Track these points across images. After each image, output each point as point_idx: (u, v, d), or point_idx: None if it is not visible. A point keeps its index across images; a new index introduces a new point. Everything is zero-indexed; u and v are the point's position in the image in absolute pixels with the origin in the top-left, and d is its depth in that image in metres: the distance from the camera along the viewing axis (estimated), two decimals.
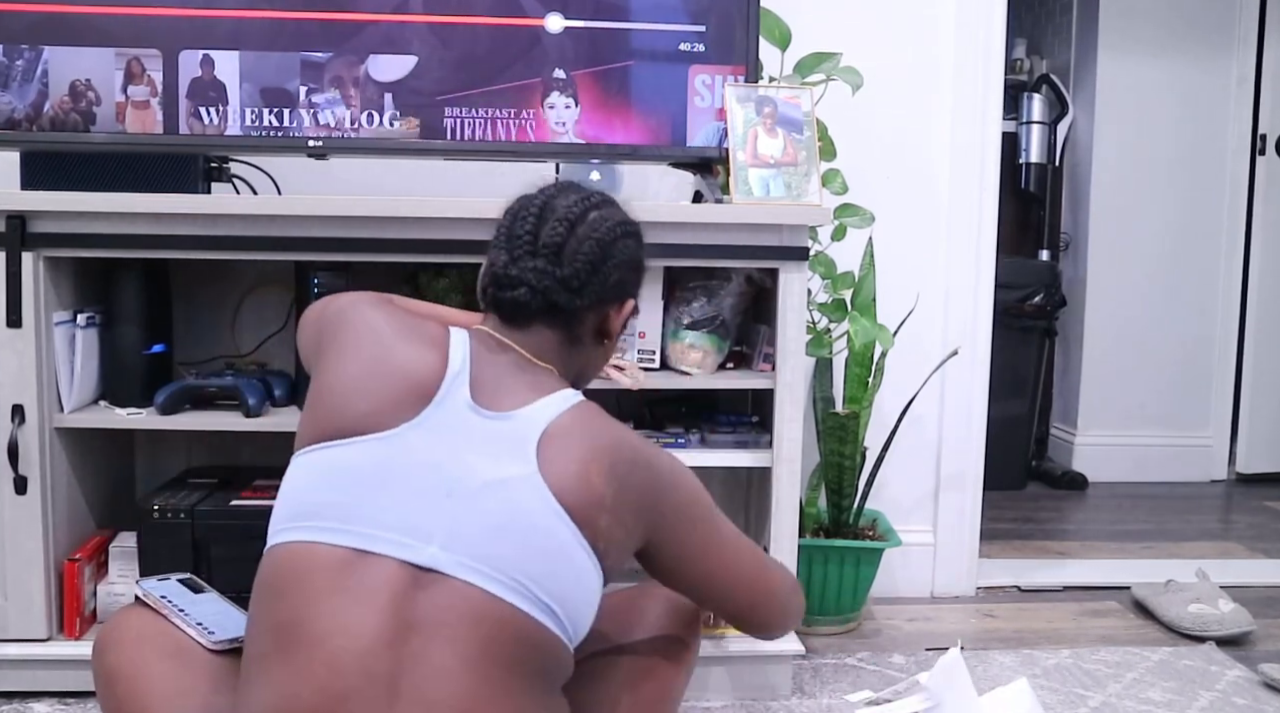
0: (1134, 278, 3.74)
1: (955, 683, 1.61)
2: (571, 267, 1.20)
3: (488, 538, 1.05)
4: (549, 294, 1.19)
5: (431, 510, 1.05)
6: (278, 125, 1.90)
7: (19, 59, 1.85)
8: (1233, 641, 2.26)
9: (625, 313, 1.29)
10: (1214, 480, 3.80)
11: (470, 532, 1.05)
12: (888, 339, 2.17)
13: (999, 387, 3.25)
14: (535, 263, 1.19)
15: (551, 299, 1.19)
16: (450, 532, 1.04)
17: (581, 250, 1.20)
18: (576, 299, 1.21)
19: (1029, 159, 3.83)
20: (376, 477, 1.06)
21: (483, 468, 1.07)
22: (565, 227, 1.20)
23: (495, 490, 1.06)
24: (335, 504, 1.06)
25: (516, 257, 1.20)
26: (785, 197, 1.89)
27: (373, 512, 1.05)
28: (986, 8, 2.41)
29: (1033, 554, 2.87)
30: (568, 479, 1.08)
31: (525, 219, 1.21)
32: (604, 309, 1.25)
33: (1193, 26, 3.65)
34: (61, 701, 1.83)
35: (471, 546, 1.04)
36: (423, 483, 1.06)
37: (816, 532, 2.31)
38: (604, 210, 1.24)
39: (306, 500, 1.07)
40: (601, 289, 1.23)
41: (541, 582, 1.05)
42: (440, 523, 1.05)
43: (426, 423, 1.09)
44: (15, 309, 1.76)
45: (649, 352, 1.96)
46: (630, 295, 1.29)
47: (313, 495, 1.07)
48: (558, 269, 1.19)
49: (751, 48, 1.96)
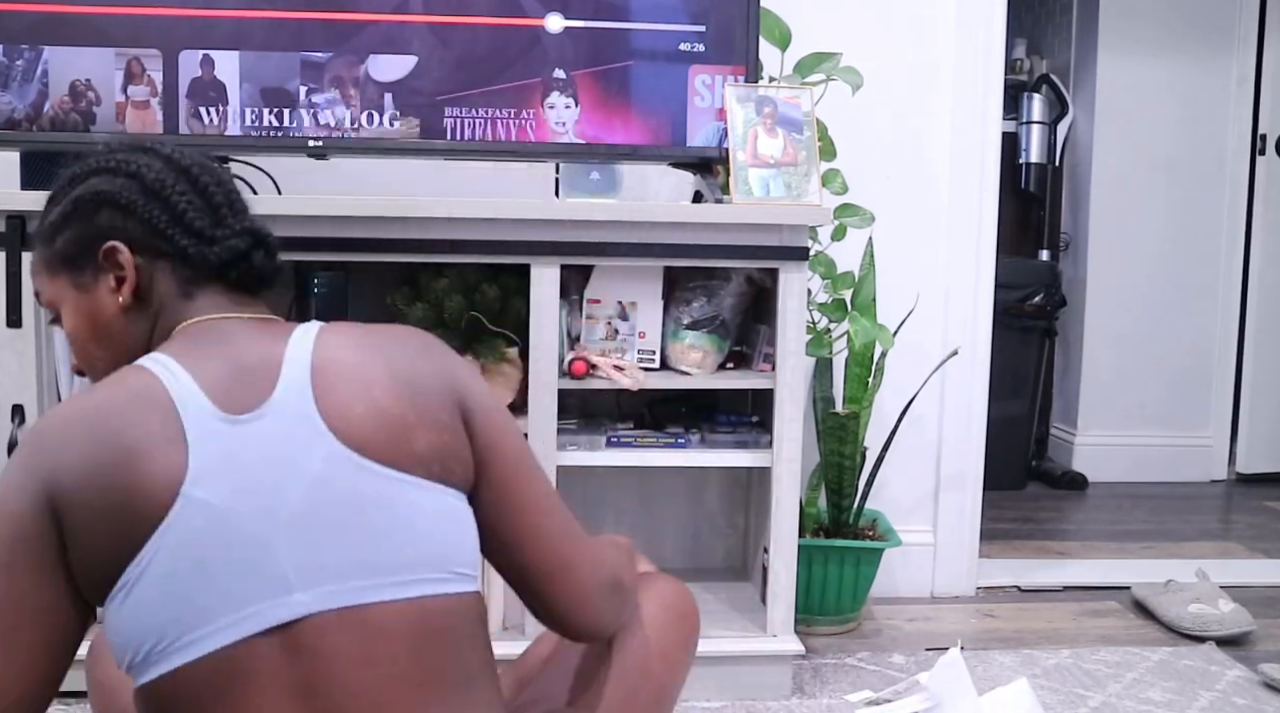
0: (1134, 278, 3.74)
1: (955, 683, 1.61)
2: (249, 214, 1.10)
3: (335, 550, 0.91)
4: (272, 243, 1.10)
5: (269, 557, 0.90)
6: (278, 125, 1.90)
7: (19, 59, 1.85)
8: (1233, 641, 2.26)
9: None
10: (1214, 480, 3.80)
11: (317, 556, 0.91)
12: (888, 339, 2.17)
13: (999, 387, 3.24)
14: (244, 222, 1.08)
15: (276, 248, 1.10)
16: (300, 568, 0.90)
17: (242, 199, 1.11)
18: None
19: (1029, 159, 3.83)
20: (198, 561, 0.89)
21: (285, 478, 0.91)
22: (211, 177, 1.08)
23: (312, 493, 0.91)
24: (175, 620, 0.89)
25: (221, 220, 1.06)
26: (785, 197, 1.89)
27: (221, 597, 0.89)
28: (986, 8, 2.41)
29: (1033, 554, 2.87)
30: (361, 426, 0.93)
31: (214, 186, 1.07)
32: None
33: (1193, 26, 3.65)
34: (62, 701, 1.83)
35: (326, 567, 0.91)
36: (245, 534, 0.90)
37: (816, 532, 2.31)
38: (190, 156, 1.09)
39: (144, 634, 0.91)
40: None
41: (415, 557, 0.93)
42: (285, 564, 0.90)
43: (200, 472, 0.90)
44: (15, 309, 1.76)
45: (649, 352, 1.96)
46: None
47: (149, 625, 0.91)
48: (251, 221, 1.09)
49: (751, 48, 1.96)
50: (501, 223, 1.81)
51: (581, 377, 1.89)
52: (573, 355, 1.90)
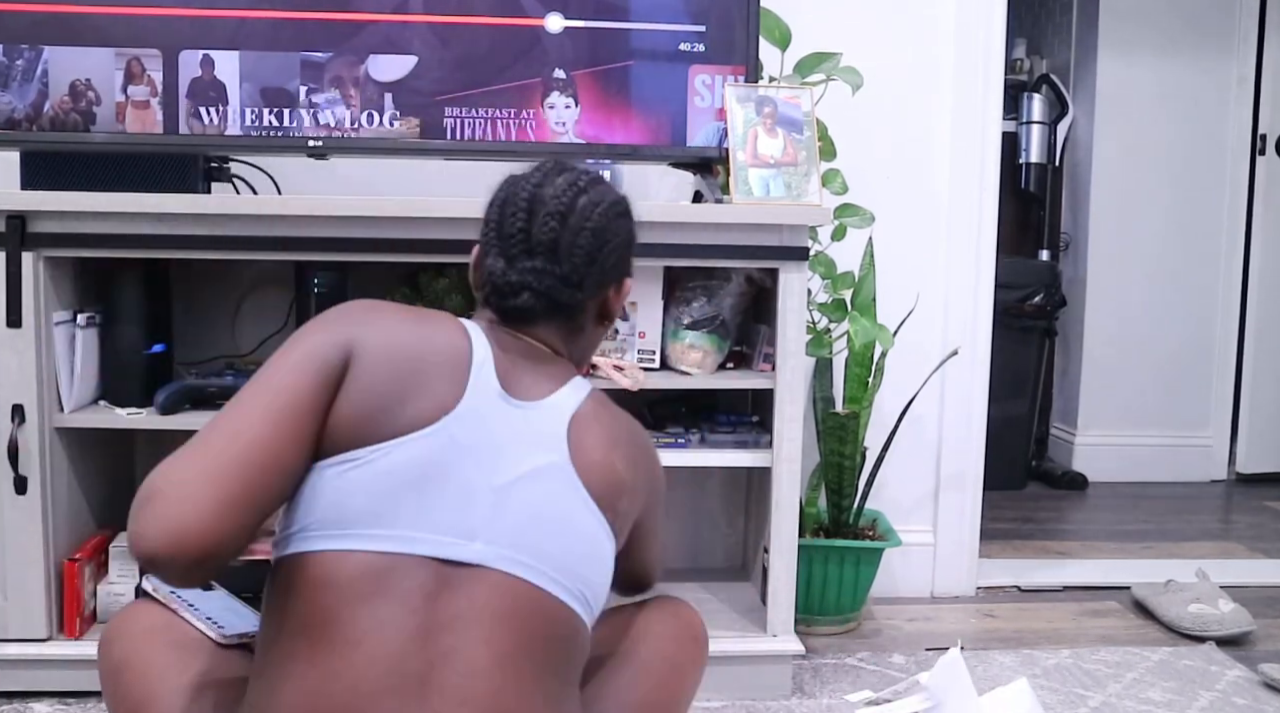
0: (1134, 278, 3.74)
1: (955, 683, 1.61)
2: (570, 263, 1.18)
3: (526, 530, 1.07)
4: (552, 294, 1.18)
5: (472, 507, 1.06)
6: (278, 125, 1.90)
7: (19, 59, 1.85)
8: (1233, 641, 2.26)
9: (625, 292, 1.29)
10: (1214, 480, 3.80)
11: (510, 524, 1.06)
12: (888, 339, 2.17)
13: (999, 387, 3.25)
14: (533, 263, 1.17)
15: (557, 300, 1.19)
16: (492, 525, 1.06)
17: (578, 243, 1.18)
18: (578, 293, 1.20)
19: (1029, 159, 3.83)
20: (420, 478, 1.05)
21: (519, 458, 1.09)
22: (557, 220, 1.18)
23: (531, 481, 1.09)
24: (376, 512, 1.03)
25: (513, 258, 1.18)
26: (785, 197, 1.89)
27: (414, 514, 1.04)
28: (986, 8, 2.41)
29: (1033, 554, 2.87)
30: (594, 466, 1.12)
31: (515, 216, 1.18)
32: (604, 293, 1.26)
33: (1193, 27, 3.65)
34: (61, 701, 1.83)
35: (512, 537, 1.06)
36: (463, 479, 1.06)
37: (816, 532, 2.31)
38: (592, 193, 1.21)
39: (345, 508, 1.03)
40: (601, 276, 1.22)
41: (575, 570, 1.09)
42: (481, 517, 1.06)
43: (464, 415, 1.08)
44: (15, 309, 1.76)
45: (649, 352, 1.96)
46: (627, 274, 1.29)
47: (352, 503, 1.03)
48: (556, 267, 1.18)
49: (751, 48, 1.96)
50: None
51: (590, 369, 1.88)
52: None
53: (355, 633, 0.99)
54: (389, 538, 1.03)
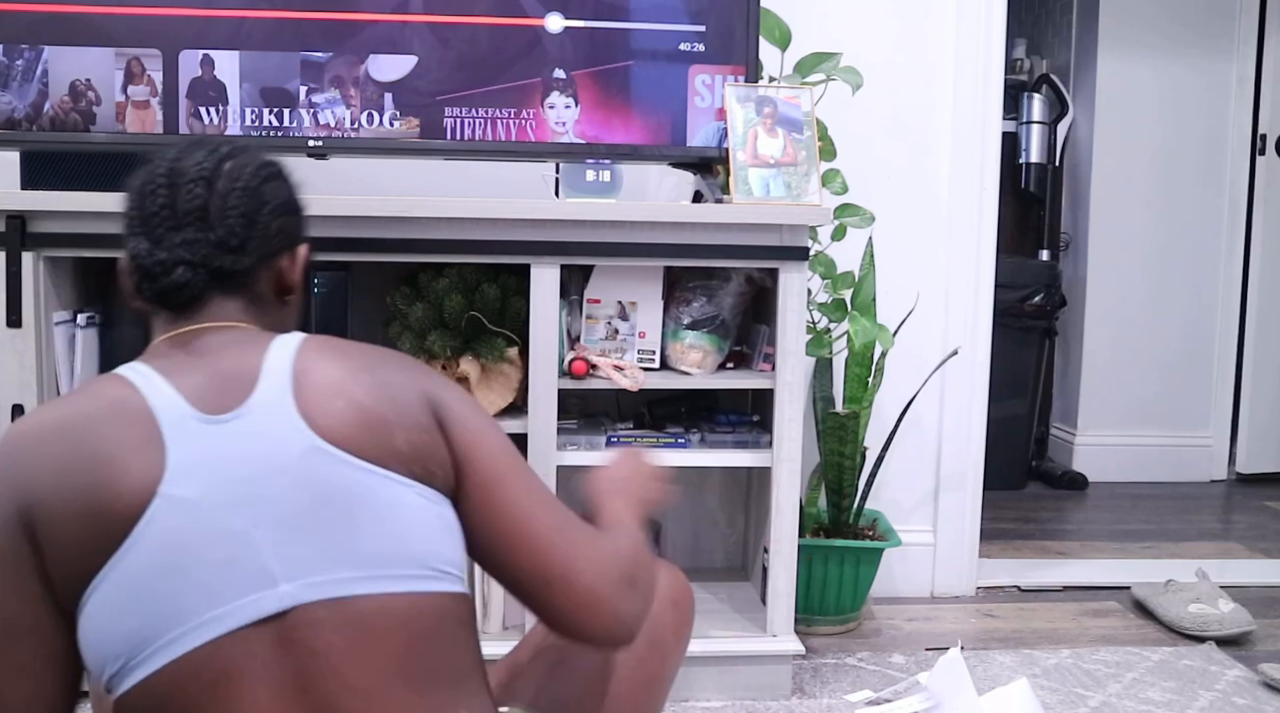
0: (1134, 278, 3.74)
1: (955, 683, 1.62)
2: (224, 226, 1.04)
3: (320, 540, 0.91)
4: (210, 262, 1.04)
5: (250, 551, 0.90)
6: (278, 125, 1.90)
7: (19, 59, 1.85)
8: (1233, 641, 2.26)
9: (301, 260, 1.14)
10: (1214, 480, 3.80)
11: (299, 548, 0.90)
12: (888, 339, 2.17)
13: (999, 387, 3.25)
14: (182, 235, 1.03)
15: (215, 267, 1.04)
16: (284, 560, 0.90)
17: (229, 205, 1.05)
18: (242, 258, 1.06)
19: (1029, 159, 3.83)
20: (178, 558, 0.88)
21: (262, 473, 0.92)
22: (203, 186, 1.05)
23: (290, 488, 0.92)
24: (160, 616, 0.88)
25: (159, 237, 1.03)
26: (785, 197, 1.89)
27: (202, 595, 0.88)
28: (986, 8, 2.41)
29: (1033, 554, 2.86)
30: (343, 425, 0.94)
31: (155, 193, 1.04)
32: (274, 262, 1.10)
33: (1193, 27, 3.65)
34: None
35: (312, 558, 0.90)
36: (219, 531, 0.90)
37: (816, 532, 2.31)
38: (238, 158, 1.09)
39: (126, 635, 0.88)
40: (265, 242, 1.08)
41: (402, 552, 0.93)
42: (267, 557, 0.90)
43: (177, 473, 0.90)
44: (15, 309, 1.76)
45: (649, 352, 1.96)
46: (298, 240, 1.14)
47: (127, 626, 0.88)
48: (209, 233, 1.04)
49: (751, 48, 1.96)
50: (501, 223, 1.81)
51: (581, 377, 1.89)
52: (573, 355, 1.90)
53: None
54: (185, 635, 0.88)
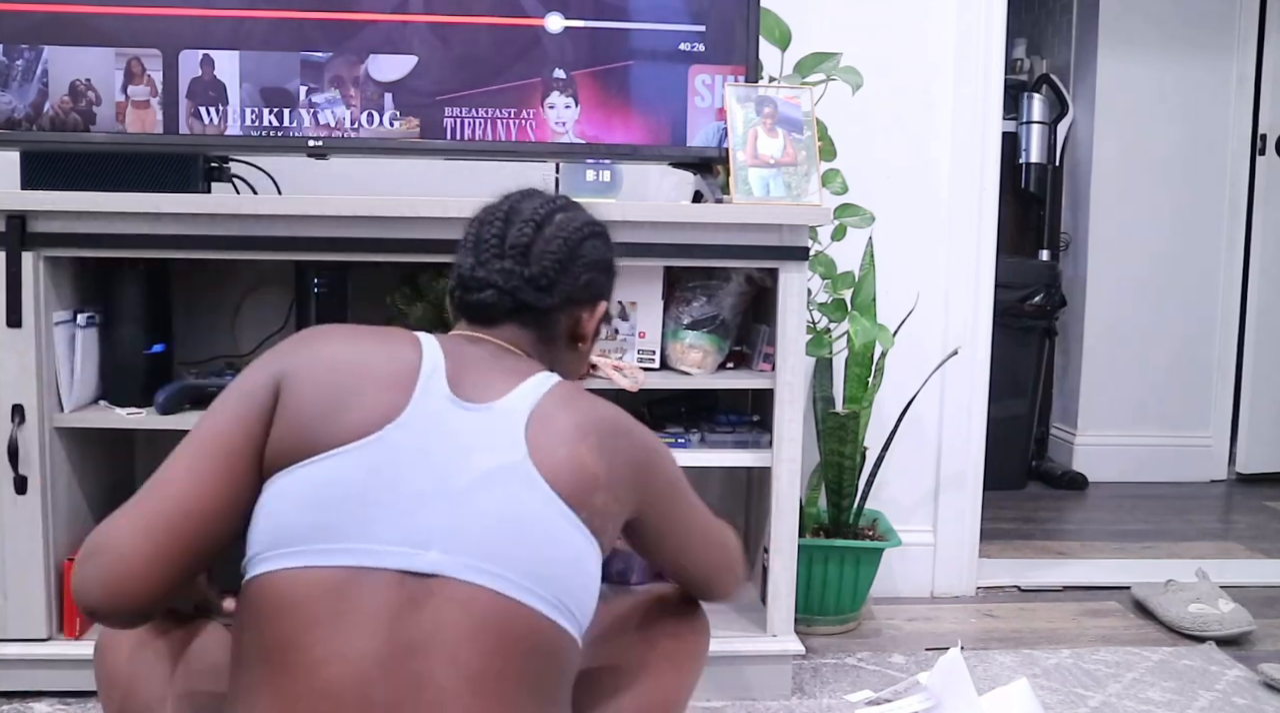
0: (1134, 278, 3.74)
1: (955, 683, 1.62)
2: (539, 266, 1.19)
3: (487, 535, 1.00)
4: (517, 293, 1.19)
5: (425, 514, 1.01)
6: (278, 125, 1.90)
7: (19, 59, 1.85)
8: (1233, 641, 2.26)
9: (598, 315, 1.28)
10: (1214, 480, 3.80)
11: (469, 531, 1.00)
12: (888, 339, 2.17)
13: (999, 387, 3.25)
14: (503, 264, 1.19)
15: (520, 298, 1.19)
16: (448, 533, 1.00)
17: (549, 250, 1.20)
18: (546, 297, 1.20)
19: (1029, 159, 3.83)
20: (364, 487, 1.01)
21: (472, 462, 1.03)
22: (532, 227, 1.20)
23: (487, 485, 1.02)
24: (323, 525, 1.00)
25: (484, 259, 1.19)
26: (785, 197, 1.89)
27: (364, 525, 1.00)
28: (986, 8, 2.41)
29: (1033, 554, 2.87)
30: (559, 463, 1.05)
31: (491, 223, 1.21)
32: (575, 311, 1.24)
33: (1193, 26, 3.65)
34: (62, 700, 1.83)
35: (472, 545, 1.00)
36: (412, 486, 1.01)
37: (816, 532, 2.31)
38: (570, 212, 1.24)
39: (290, 525, 1.01)
40: (571, 289, 1.22)
41: (548, 576, 1.02)
42: (436, 525, 1.00)
43: (409, 422, 1.04)
44: (15, 309, 1.76)
45: (649, 352, 1.96)
46: (602, 297, 1.28)
47: (297, 518, 1.00)
48: (525, 268, 1.19)
49: (751, 48, 1.96)
50: None
51: (581, 377, 1.89)
52: None
53: (314, 659, 0.95)
54: (336, 552, 0.99)
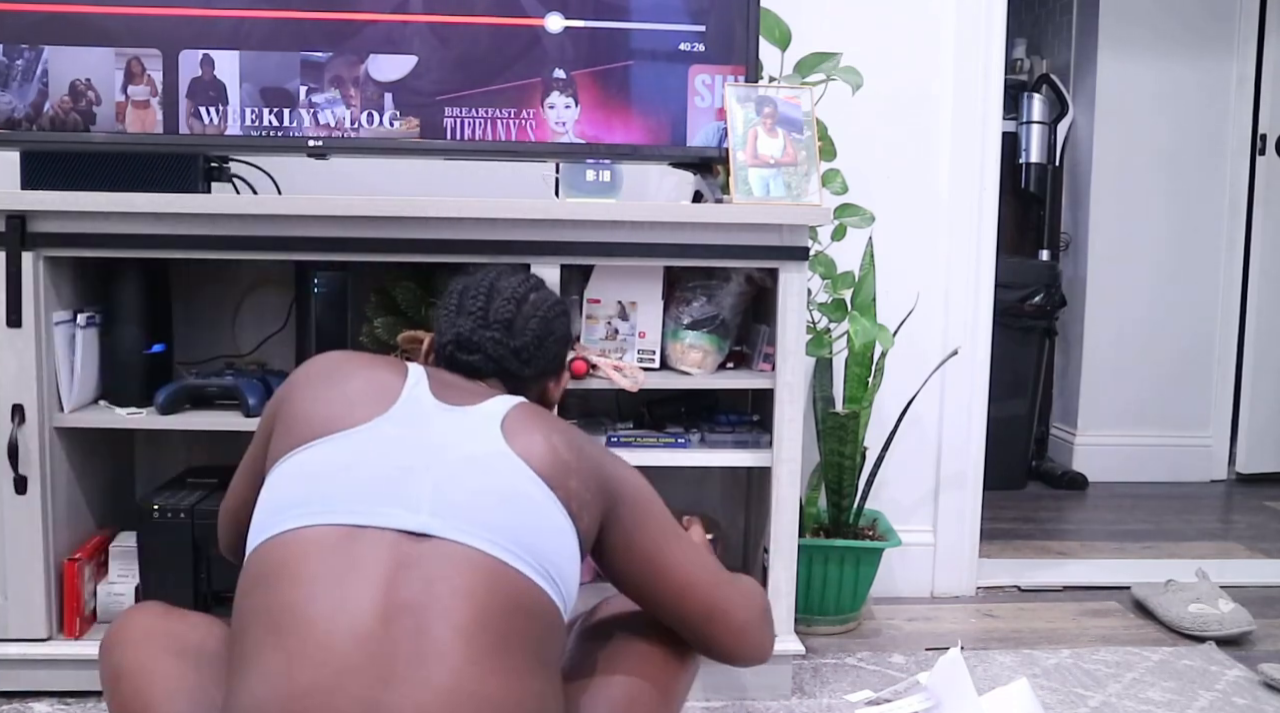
0: (1134, 278, 3.74)
1: (955, 683, 1.62)
2: (521, 339, 1.34)
3: (475, 503, 1.10)
4: (503, 361, 1.33)
5: (414, 484, 1.10)
6: (278, 125, 1.90)
7: (19, 59, 1.85)
8: (1233, 641, 2.26)
9: (563, 384, 1.46)
10: (1214, 480, 3.80)
11: (457, 499, 1.10)
12: (888, 339, 2.17)
13: (999, 387, 3.25)
14: (491, 334, 1.33)
15: (505, 367, 1.33)
16: (437, 499, 1.09)
17: (529, 327, 1.35)
18: (526, 368, 1.35)
19: (1029, 159, 3.83)
20: (356, 460, 1.12)
21: (457, 446, 1.14)
22: (513, 304, 1.35)
23: (472, 464, 1.13)
24: (319, 492, 1.10)
25: (476, 326, 1.33)
26: (785, 197, 1.89)
27: (357, 489, 1.09)
28: (986, 8, 2.41)
29: (1033, 554, 2.87)
30: (535, 450, 1.16)
31: (475, 296, 1.35)
32: (544, 381, 1.40)
33: (1193, 27, 3.65)
34: (61, 701, 1.83)
35: (461, 511, 1.09)
36: (402, 460, 1.12)
37: (816, 532, 2.31)
38: (541, 292, 1.40)
39: (286, 496, 1.11)
40: (544, 361, 1.37)
41: (532, 544, 1.10)
42: (426, 493, 1.10)
43: (395, 416, 1.16)
44: (15, 309, 1.76)
45: (649, 352, 1.96)
46: (564, 369, 1.46)
47: (294, 490, 1.11)
48: (510, 340, 1.34)
49: (751, 48, 1.96)
50: (501, 223, 1.81)
51: (581, 376, 1.89)
52: (573, 355, 1.90)
53: (315, 613, 1.01)
54: (333, 512, 1.08)
